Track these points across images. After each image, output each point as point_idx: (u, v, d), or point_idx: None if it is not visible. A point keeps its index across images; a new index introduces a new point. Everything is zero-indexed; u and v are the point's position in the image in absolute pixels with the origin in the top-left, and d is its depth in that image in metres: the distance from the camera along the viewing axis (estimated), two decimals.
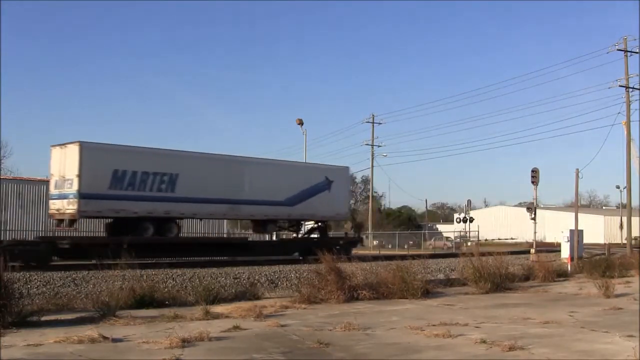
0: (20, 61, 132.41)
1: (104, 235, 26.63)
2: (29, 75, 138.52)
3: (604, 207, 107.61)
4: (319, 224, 32.41)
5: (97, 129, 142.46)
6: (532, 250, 30.74)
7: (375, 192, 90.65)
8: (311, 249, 30.35)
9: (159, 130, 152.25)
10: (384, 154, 71.87)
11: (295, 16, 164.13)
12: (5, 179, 36.32)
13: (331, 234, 38.55)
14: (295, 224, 31.89)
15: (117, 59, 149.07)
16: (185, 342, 9.14)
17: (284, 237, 35.89)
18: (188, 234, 36.31)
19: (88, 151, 23.48)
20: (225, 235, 38.67)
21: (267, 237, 33.69)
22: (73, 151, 23.51)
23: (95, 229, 30.43)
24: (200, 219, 31.59)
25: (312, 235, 32.78)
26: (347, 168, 34.11)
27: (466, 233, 57.90)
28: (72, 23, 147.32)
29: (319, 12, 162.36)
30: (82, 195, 23.05)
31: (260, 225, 30.12)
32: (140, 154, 25.36)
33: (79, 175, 23.08)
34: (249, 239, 32.28)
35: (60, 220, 24.24)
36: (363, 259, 25.43)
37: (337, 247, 28.90)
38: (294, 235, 33.01)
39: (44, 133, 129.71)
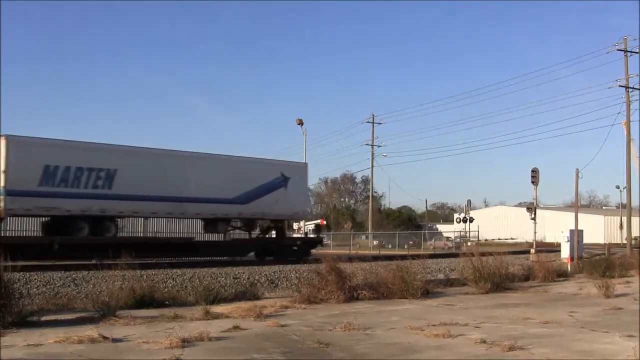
0: (19, 61, 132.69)
1: (41, 234, 25.47)
2: (28, 75, 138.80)
3: (604, 207, 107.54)
4: (278, 223, 31.05)
5: (97, 129, 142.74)
6: (532, 250, 30.78)
7: (375, 192, 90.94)
8: (268, 249, 29.59)
9: (159, 130, 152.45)
10: (384, 154, 72.13)
11: (295, 15, 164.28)
12: None
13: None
14: (249, 223, 30.36)
15: (117, 58, 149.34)
16: (185, 342, 9.13)
17: (233, 236, 33.89)
18: (188, 234, 36.12)
19: (15, 145, 22.19)
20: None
21: (221, 237, 31.52)
22: None
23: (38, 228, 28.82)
24: (145, 218, 30.18)
25: (268, 235, 31.38)
26: (305, 164, 32.57)
27: (466, 233, 57.86)
28: (72, 23, 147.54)
29: (319, 12, 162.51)
30: (8, 192, 21.78)
31: (211, 224, 28.75)
32: (74, 148, 24.15)
33: (5, 171, 21.82)
34: (194, 239, 30.80)
35: None
36: (363, 259, 25.44)
37: (295, 248, 27.97)
38: (254, 235, 31.37)
39: (44, 133, 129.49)
